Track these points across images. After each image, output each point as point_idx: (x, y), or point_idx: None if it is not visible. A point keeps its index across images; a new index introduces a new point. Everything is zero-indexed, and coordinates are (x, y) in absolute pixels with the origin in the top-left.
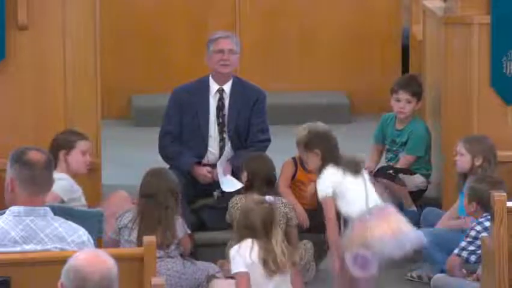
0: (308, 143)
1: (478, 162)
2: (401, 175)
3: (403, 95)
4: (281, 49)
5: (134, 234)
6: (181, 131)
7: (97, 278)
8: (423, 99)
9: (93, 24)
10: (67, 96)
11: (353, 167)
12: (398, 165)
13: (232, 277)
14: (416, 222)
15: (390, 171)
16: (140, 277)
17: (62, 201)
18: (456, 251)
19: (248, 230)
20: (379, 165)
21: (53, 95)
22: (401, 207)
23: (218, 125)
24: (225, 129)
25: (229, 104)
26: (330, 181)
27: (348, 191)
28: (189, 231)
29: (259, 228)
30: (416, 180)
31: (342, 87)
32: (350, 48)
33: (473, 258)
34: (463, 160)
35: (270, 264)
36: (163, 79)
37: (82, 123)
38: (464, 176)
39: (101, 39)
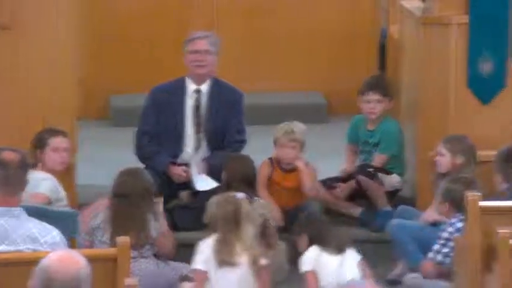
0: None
1: (458, 162)
2: (380, 174)
3: (373, 96)
4: (259, 49)
5: (108, 235)
6: (157, 131)
7: (63, 278)
8: (398, 98)
9: (72, 25)
10: (45, 97)
11: (336, 246)
12: (374, 165)
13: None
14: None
15: (370, 170)
16: (114, 278)
17: (49, 202)
18: (430, 254)
19: (213, 224)
20: (360, 163)
21: (32, 95)
22: (374, 207)
23: (195, 124)
24: (202, 129)
25: (207, 105)
26: (309, 257)
27: (322, 268)
28: (167, 231)
29: (221, 222)
30: (393, 180)
31: (319, 88)
32: (327, 48)
33: (447, 260)
34: (444, 160)
35: (222, 256)
36: (142, 79)
37: (60, 124)
38: (443, 176)
39: (81, 40)
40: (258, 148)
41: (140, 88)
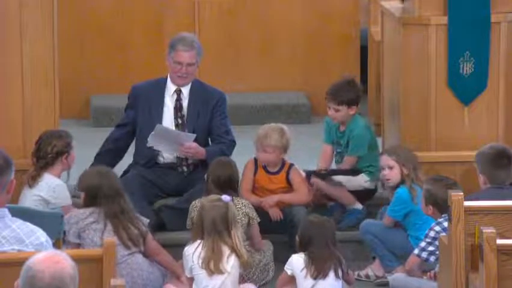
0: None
1: (406, 171)
2: (340, 177)
3: (331, 104)
4: (241, 50)
5: (99, 234)
6: (134, 126)
7: (46, 277)
8: (378, 99)
9: (51, 25)
10: (25, 97)
11: (316, 269)
12: (342, 167)
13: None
14: (361, 220)
15: (324, 171)
16: (100, 278)
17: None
18: (416, 251)
19: (199, 229)
20: (309, 171)
21: (11, 96)
22: (343, 208)
23: (176, 125)
24: (185, 128)
25: (188, 105)
26: (290, 264)
27: (298, 284)
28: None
29: (209, 227)
30: (360, 180)
31: (302, 88)
32: (309, 49)
33: (432, 258)
34: (394, 172)
35: (210, 265)
36: (122, 79)
37: (40, 124)
38: (395, 187)
39: (60, 40)
40: (241, 149)
41: (120, 88)
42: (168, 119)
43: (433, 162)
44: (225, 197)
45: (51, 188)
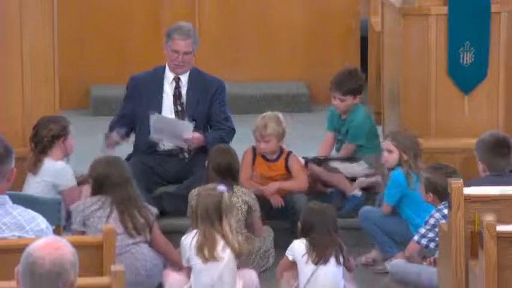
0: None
1: (406, 157)
2: (337, 163)
3: (335, 94)
4: (241, 39)
5: (102, 223)
6: (132, 117)
7: (46, 264)
8: (378, 88)
9: (51, 16)
10: (25, 88)
11: (317, 255)
12: (340, 155)
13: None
14: (360, 206)
15: (321, 158)
16: (100, 264)
17: None
18: (415, 237)
19: (195, 217)
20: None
21: (10, 87)
22: (343, 195)
23: (176, 112)
24: (185, 116)
25: (187, 93)
26: (292, 250)
27: (299, 269)
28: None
29: (202, 215)
30: (357, 168)
31: (302, 78)
32: (309, 39)
33: (432, 245)
34: (392, 157)
35: (205, 251)
36: (121, 69)
37: (40, 114)
38: (392, 169)
39: (59, 30)
40: (241, 137)
41: (120, 78)
42: (167, 107)
43: (433, 150)
44: (220, 187)
45: (56, 172)
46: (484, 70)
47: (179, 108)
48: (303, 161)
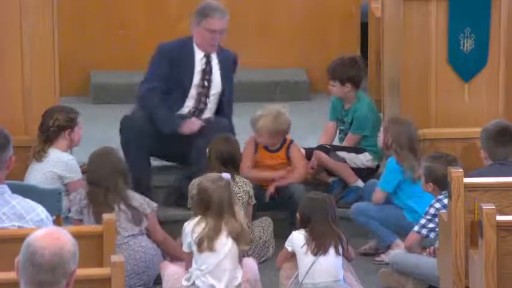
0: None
1: (388, 142)
2: (344, 153)
3: (331, 81)
4: (240, 25)
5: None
6: (164, 83)
7: (46, 254)
8: (378, 76)
9: (51, 4)
10: (25, 73)
11: (316, 245)
12: (344, 145)
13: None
14: (361, 198)
15: (328, 147)
16: (100, 254)
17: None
18: (416, 228)
19: (203, 208)
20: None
21: (10, 73)
22: (344, 186)
23: (202, 87)
24: (210, 92)
25: (216, 70)
26: (291, 241)
27: (298, 260)
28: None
29: (213, 206)
30: (362, 158)
31: (302, 65)
32: (309, 25)
33: (432, 235)
34: (381, 137)
35: (212, 243)
36: (122, 56)
37: (40, 101)
38: (387, 149)
39: (60, 16)
40: (241, 127)
41: (120, 64)
42: (196, 80)
43: (433, 138)
44: (225, 175)
45: (65, 164)
46: (484, 57)
47: (206, 83)
48: (303, 151)
